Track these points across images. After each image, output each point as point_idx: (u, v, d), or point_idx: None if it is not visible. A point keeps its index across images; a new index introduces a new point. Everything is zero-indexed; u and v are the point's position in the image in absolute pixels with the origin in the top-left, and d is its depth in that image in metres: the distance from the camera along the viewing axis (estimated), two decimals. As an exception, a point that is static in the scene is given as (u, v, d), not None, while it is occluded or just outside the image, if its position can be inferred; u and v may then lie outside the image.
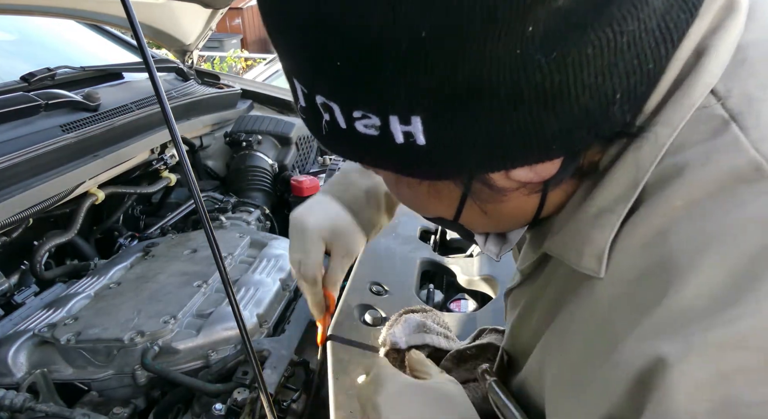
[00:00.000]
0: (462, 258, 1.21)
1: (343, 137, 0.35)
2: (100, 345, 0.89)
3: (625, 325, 0.33)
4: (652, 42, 0.31)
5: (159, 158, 1.48)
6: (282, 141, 1.83)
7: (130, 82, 1.61)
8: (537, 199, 0.40)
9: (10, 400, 0.79)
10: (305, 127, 0.44)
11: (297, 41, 0.33)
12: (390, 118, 0.32)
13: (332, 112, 0.34)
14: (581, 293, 0.38)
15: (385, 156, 0.36)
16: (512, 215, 0.43)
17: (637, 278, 0.33)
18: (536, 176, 0.36)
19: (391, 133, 0.33)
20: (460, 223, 0.45)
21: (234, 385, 0.86)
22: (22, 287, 1.12)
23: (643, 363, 0.30)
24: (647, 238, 0.34)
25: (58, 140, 1.12)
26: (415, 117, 0.32)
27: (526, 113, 0.31)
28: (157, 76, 0.53)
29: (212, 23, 1.80)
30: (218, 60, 6.85)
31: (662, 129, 0.34)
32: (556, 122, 0.31)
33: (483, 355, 0.77)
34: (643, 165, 0.35)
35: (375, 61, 0.30)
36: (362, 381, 0.61)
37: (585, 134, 0.33)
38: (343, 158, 0.40)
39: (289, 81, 0.38)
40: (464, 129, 0.32)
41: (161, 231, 1.46)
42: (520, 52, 0.28)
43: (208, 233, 0.54)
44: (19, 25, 1.81)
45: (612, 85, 0.31)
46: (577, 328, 0.38)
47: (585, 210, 0.38)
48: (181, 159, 0.55)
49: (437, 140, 0.33)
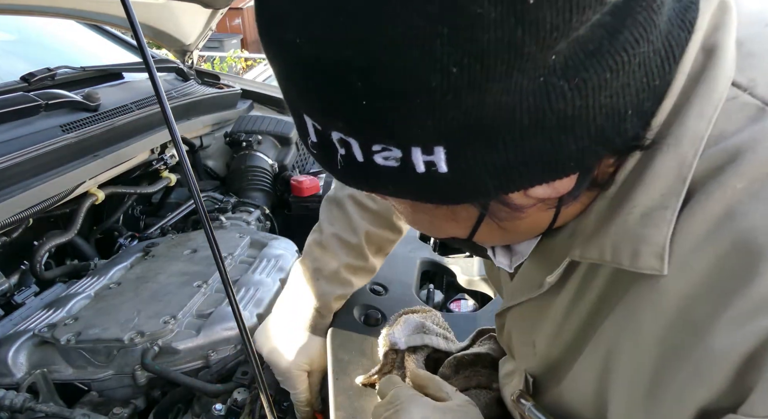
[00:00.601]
0: (462, 258, 1.21)
1: (359, 171, 0.35)
2: (100, 345, 0.89)
3: (710, 313, 0.33)
4: (658, 61, 0.33)
5: (159, 158, 1.48)
6: (282, 141, 1.83)
7: (130, 82, 1.61)
8: (552, 212, 0.41)
9: (10, 400, 0.79)
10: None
11: (315, 84, 0.32)
12: (412, 149, 0.32)
13: (349, 147, 0.34)
14: (640, 293, 0.38)
15: (403, 186, 0.36)
16: (528, 229, 0.44)
17: (712, 265, 0.34)
18: (554, 192, 0.36)
19: (412, 163, 0.33)
20: (473, 240, 0.45)
21: (234, 385, 0.86)
22: (22, 287, 1.12)
23: (749, 344, 0.31)
24: (711, 224, 0.34)
25: (58, 140, 1.12)
26: (438, 147, 0.32)
27: (546, 138, 0.32)
28: (157, 76, 0.53)
29: (212, 23, 1.80)
30: (218, 60, 6.85)
31: (697, 123, 0.35)
32: (574, 142, 0.32)
33: (480, 362, 0.77)
34: (686, 159, 0.35)
35: (402, 99, 0.30)
36: (380, 402, 0.61)
37: (599, 150, 0.34)
38: (359, 189, 0.40)
39: (297, 117, 0.37)
40: (486, 155, 0.32)
41: (161, 231, 1.46)
42: (543, 80, 0.29)
43: (208, 233, 0.55)
44: (19, 25, 1.81)
45: (624, 104, 0.32)
46: (642, 328, 0.38)
47: (627, 212, 0.38)
48: (181, 159, 0.55)
49: (459, 166, 0.33)
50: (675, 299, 0.35)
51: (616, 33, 0.30)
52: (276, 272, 1.15)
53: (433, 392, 0.61)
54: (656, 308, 0.37)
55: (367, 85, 0.30)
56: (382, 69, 0.29)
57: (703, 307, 0.34)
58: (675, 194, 0.36)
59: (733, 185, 0.34)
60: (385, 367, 0.80)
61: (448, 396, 0.59)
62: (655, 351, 0.36)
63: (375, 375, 0.79)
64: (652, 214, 0.36)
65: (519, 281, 0.54)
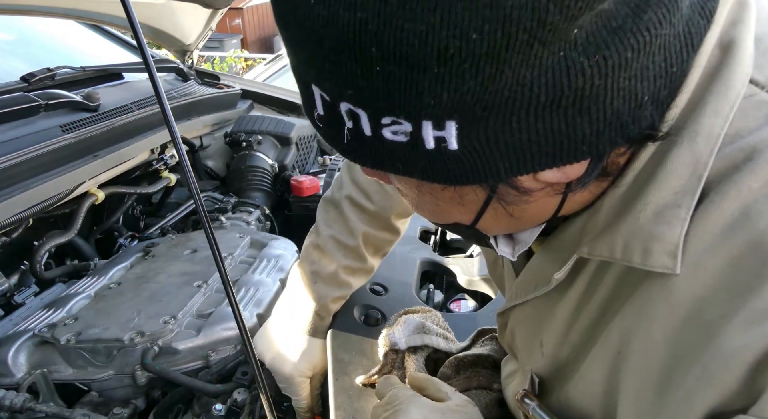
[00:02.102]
0: (462, 258, 1.21)
1: (366, 145, 0.35)
2: (100, 346, 0.89)
3: (722, 314, 0.33)
4: (677, 46, 0.32)
5: (159, 158, 1.48)
6: (282, 141, 1.83)
7: (130, 82, 1.61)
8: (558, 199, 0.40)
9: (10, 400, 0.79)
10: (305, 127, 0.44)
11: (326, 49, 0.31)
12: (423, 123, 0.31)
13: (357, 119, 0.33)
14: (651, 291, 0.37)
15: (411, 163, 0.35)
16: (533, 216, 0.43)
17: (727, 265, 0.33)
18: (563, 177, 0.35)
19: (422, 139, 0.32)
20: (476, 227, 0.44)
21: (234, 385, 0.86)
22: (22, 288, 1.12)
23: (761, 345, 0.30)
24: (726, 224, 0.34)
25: (58, 140, 1.12)
26: (450, 122, 0.31)
27: (562, 117, 0.31)
28: (157, 77, 0.53)
29: (212, 23, 1.80)
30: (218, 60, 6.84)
31: (713, 120, 0.35)
32: (589, 125, 0.31)
33: (481, 363, 0.77)
34: (701, 157, 0.35)
35: (418, 66, 0.29)
36: (378, 403, 0.60)
37: (614, 136, 0.33)
38: (364, 166, 0.38)
39: (304, 87, 0.36)
40: (499, 133, 0.31)
41: (161, 231, 1.46)
42: (563, 55, 0.28)
43: (208, 234, 0.55)
44: (19, 25, 1.81)
45: (642, 89, 0.32)
46: (653, 328, 0.37)
47: (639, 209, 0.37)
48: (181, 159, 0.55)
49: (470, 144, 0.32)
50: (687, 298, 0.35)
51: (640, 11, 0.29)
52: (276, 272, 1.15)
53: (432, 393, 0.60)
54: (667, 308, 0.36)
55: (381, 51, 0.29)
56: (397, 33, 0.28)
57: (715, 307, 0.33)
58: (690, 192, 0.35)
59: (749, 185, 0.33)
60: (385, 367, 0.80)
61: (447, 396, 0.59)
62: (666, 350, 0.36)
63: (375, 376, 0.79)
64: (665, 212, 0.36)
65: (525, 278, 0.53)
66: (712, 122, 0.35)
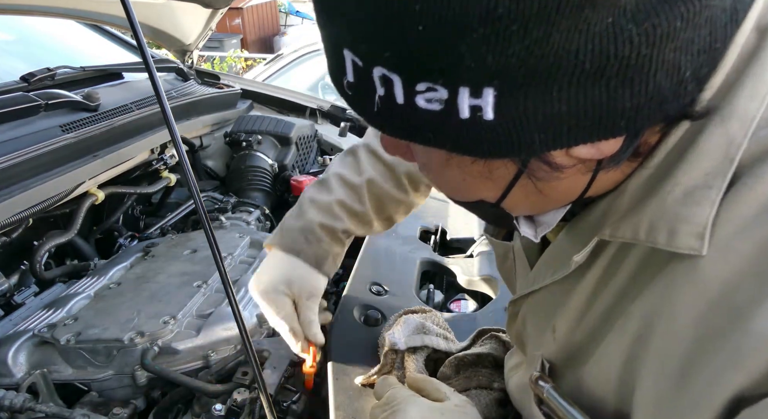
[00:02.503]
0: (462, 258, 1.21)
1: (397, 114, 0.34)
2: (100, 346, 0.89)
3: (753, 297, 0.32)
4: (723, 20, 0.31)
5: (159, 158, 1.48)
6: (282, 141, 1.83)
7: (130, 82, 1.61)
8: (588, 178, 0.39)
9: (10, 400, 0.79)
10: (305, 127, 0.43)
11: (366, 8, 0.30)
12: (460, 90, 0.30)
13: (390, 85, 0.32)
14: (675, 274, 0.37)
15: (443, 133, 0.34)
16: (561, 195, 0.42)
17: (758, 249, 0.33)
18: (597, 153, 0.34)
19: (456, 107, 0.31)
20: (501, 206, 0.43)
21: (234, 386, 0.86)
22: (22, 287, 1.12)
23: None
24: (760, 208, 0.33)
25: (58, 140, 1.12)
26: (488, 89, 0.30)
27: (604, 88, 0.30)
28: (157, 77, 0.53)
29: (212, 23, 1.80)
30: (218, 60, 6.84)
31: (749, 102, 0.34)
32: (630, 98, 0.31)
33: (481, 362, 0.77)
34: (735, 139, 0.34)
35: (463, 26, 0.28)
36: (377, 403, 0.60)
37: (653, 111, 0.32)
38: (393, 136, 0.37)
39: (334, 52, 0.35)
40: (538, 103, 0.30)
41: (161, 231, 1.46)
42: (612, 21, 0.28)
43: (208, 233, 0.54)
44: (19, 25, 1.81)
45: (685, 62, 0.31)
46: (677, 310, 0.36)
47: (667, 190, 0.37)
48: (181, 159, 0.55)
49: (507, 114, 0.31)
50: (714, 281, 0.34)
51: None
52: (276, 272, 1.15)
53: (430, 393, 0.60)
54: (694, 291, 0.35)
55: (426, 10, 0.28)
56: None
57: (745, 291, 0.33)
58: (721, 174, 0.35)
59: None
60: (385, 367, 0.80)
61: (445, 396, 0.59)
62: (691, 334, 0.35)
63: (375, 376, 0.79)
64: (695, 193, 0.35)
65: (543, 263, 0.52)
66: (748, 105, 0.34)
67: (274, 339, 0.97)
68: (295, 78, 4.15)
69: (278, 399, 0.87)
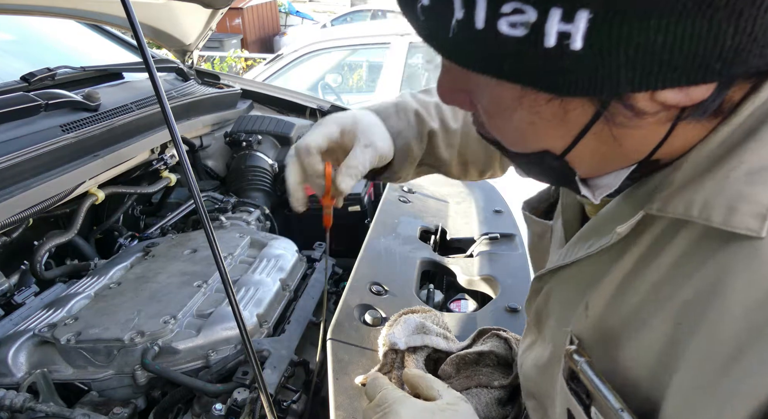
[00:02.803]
0: (462, 258, 1.21)
1: (474, 40, 0.31)
2: (100, 345, 0.89)
3: None
4: None
5: (159, 158, 1.48)
6: (282, 141, 1.83)
7: (130, 82, 1.62)
8: (665, 131, 0.37)
9: (10, 400, 0.79)
10: (305, 127, 0.41)
11: None
12: (551, 12, 0.28)
13: (472, 7, 0.30)
14: (730, 258, 0.34)
15: (522, 64, 0.31)
16: (631, 148, 0.39)
17: None
18: (685, 99, 0.32)
19: (543, 33, 0.29)
20: (565, 159, 0.40)
21: (234, 385, 0.86)
22: (22, 287, 1.12)
23: None
24: None
25: (58, 140, 1.12)
26: (582, 13, 0.28)
27: (707, 21, 0.28)
28: (157, 76, 0.53)
29: (212, 23, 1.80)
30: (218, 60, 6.85)
31: None
32: (732, 37, 0.28)
33: (482, 361, 0.77)
34: None
35: None
36: (367, 405, 0.59)
37: (752, 56, 0.30)
38: (465, 66, 0.34)
39: None
40: (634, 32, 0.28)
41: (161, 231, 1.46)
42: None
43: (208, 233, 0.55)
44: (19, 25, 1.81)
45: None
46: (730, 296, 0.34)
47: (730, 167, 0.35)
48: (181, 159, 0.55)
49: (597, 43, 0.29)
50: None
51: None
52: (276, 272, 1.16)
53: (423, 391, 0.60)
54: (750, 276, 0.33)
55: None
56: None
57: None
58: None
59: None
60: (385, 367, 0.80)
61: (438, 394, 0.58)
62: (743, 322, 0.33)
63: (375, 375, 0.79)
64: (762, 173, 0.33)
65: (580, 237, 0.49)
66: None
67: (274, 339, 0.97)
68: (295, 78, 4.15)
69: (278, 398, 0.87)
